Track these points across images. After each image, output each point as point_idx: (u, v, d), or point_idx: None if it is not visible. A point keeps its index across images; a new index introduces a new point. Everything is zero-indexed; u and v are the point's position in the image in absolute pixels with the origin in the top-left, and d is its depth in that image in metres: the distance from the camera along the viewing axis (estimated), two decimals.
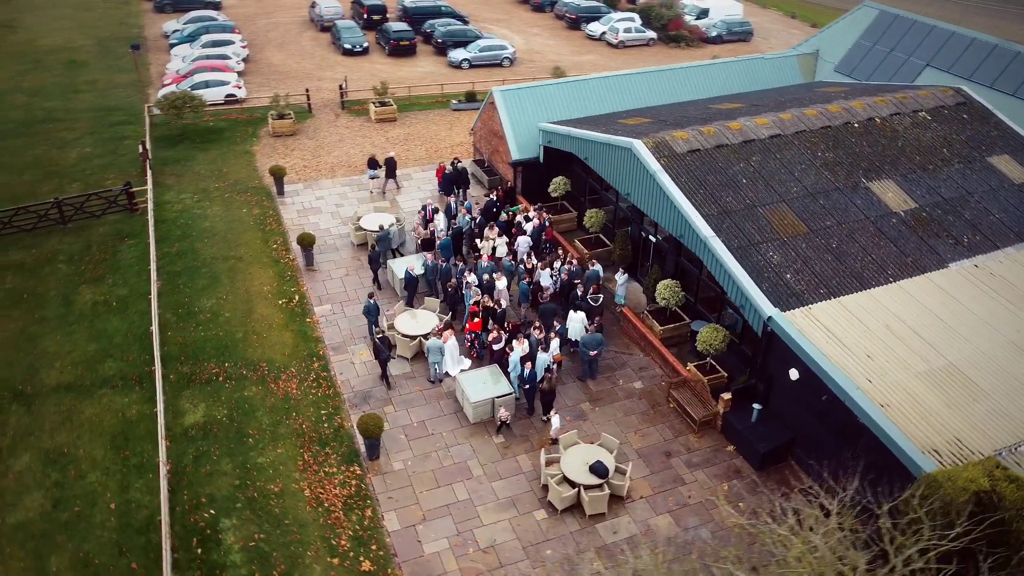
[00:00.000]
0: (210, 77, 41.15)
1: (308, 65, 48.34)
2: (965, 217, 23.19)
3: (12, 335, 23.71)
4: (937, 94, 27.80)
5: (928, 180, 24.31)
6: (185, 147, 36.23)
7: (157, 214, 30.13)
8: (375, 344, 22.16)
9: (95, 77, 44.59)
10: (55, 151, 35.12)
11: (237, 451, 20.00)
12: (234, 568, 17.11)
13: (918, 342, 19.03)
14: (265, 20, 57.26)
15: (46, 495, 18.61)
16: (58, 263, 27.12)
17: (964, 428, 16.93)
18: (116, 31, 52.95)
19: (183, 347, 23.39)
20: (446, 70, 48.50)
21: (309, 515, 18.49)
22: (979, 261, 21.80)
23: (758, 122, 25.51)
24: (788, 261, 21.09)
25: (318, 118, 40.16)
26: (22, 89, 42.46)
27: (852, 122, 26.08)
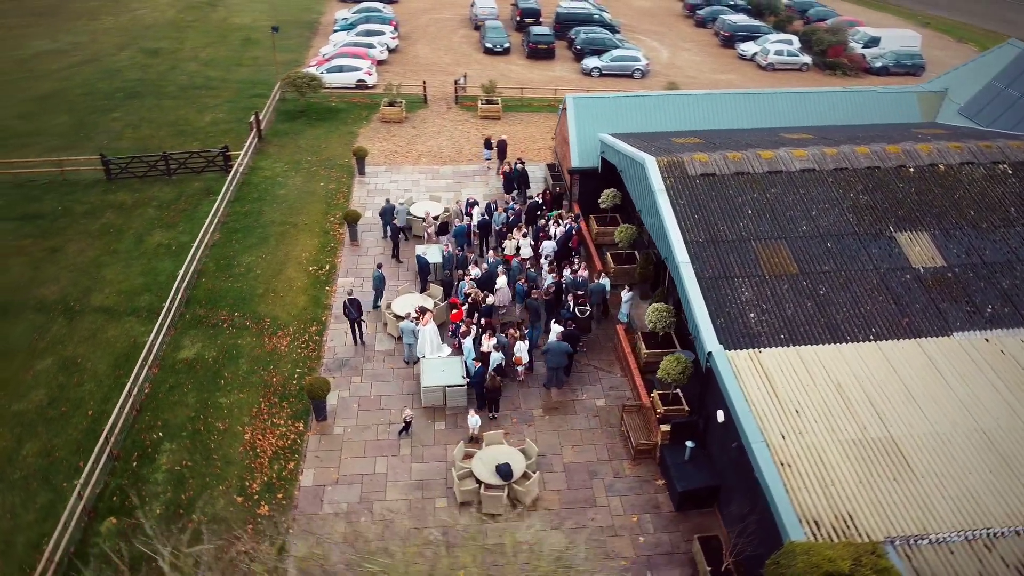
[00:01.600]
0: (345, 62, 44.79)
1: (447, 60, 50.91)
2: (1001, 286, 20.31)
3: (87, 260, 27.77)
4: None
5: (973, 239, 21.50)
6: (301, 122, 39.85)
7: (246, 178, 33.63)
8: (344, 304, 23.75)
9: (259, 54, 50.00)
10: (194, 114, 40.09)
11: (206, 389, 22.24)
12: (153, 484, 19.24)
13: (864, 409, 17.18)
14: (430, 16, 60.81)
15: (47, 393, 21.88)
16: (149, 207, 31.22)
17: (865, 507, 15.18)
18: (297, 15, 58.79)
19: (208, 293, 26.19)
20: (577, 77, 48.98)
21: (238, 456, 20.25)
22: (994, 336, 19.08)
23: (795, 154, 23.87)
24: (759, 300, 19.75)
25: (430, 109, 42.38)
26: (198, 59, 48.63)
27: (908, 166, 23.61)
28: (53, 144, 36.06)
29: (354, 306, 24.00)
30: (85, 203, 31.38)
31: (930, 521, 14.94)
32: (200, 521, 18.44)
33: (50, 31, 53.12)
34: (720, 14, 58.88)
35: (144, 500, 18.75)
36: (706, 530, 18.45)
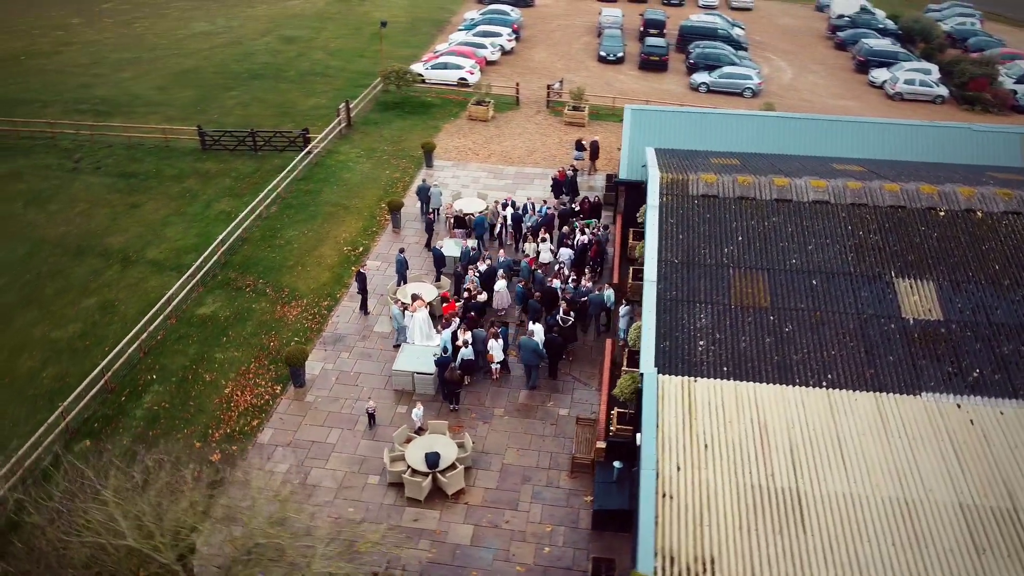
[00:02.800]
0: (450, 60, 46.51)
1: (560, 66, 51.40)
2: (1001, 350, 18.14)
3: (157, 218, 31.01)
4: None
5: (987, 295, 19.32)
6: (393, 113, 41.94)
7: (320, 159, 36.00)
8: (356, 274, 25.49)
9: (384, 47, 52.83)
10: (301, 98, 43.25)
11: (208, 344, 24.33)
12: (130, 418, 21.44)
13: (781, 456, 16.09)
14: (560, 23, 61.51)
15: (81, 328, 24.85)
16: (227, 177, 34.25)
17: (732, 553, 14.32)
18: (432, 13, 61.50)
19: (245, 259, 28.47)
20: (683, 91, 47.91)
21: (212, 406, 22.07)
22: (969, 403, 17.13)
23: (812, 183, 22.45)
24: (714, 328, 18.89)
25: (520, 112, 43.14)
26: (326, 48, 52.25)
27: (938, 208, 21.53)
28: (172, 114, 40.34)
29: (359, 279, 25.43)
30: (175, 168, 34.95)
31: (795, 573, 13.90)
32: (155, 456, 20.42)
33: (210, 15, 59.04)
34: (863, 37, 55.23)
35: (118, 431, 20.97)
36: (614, 552, 18.01)
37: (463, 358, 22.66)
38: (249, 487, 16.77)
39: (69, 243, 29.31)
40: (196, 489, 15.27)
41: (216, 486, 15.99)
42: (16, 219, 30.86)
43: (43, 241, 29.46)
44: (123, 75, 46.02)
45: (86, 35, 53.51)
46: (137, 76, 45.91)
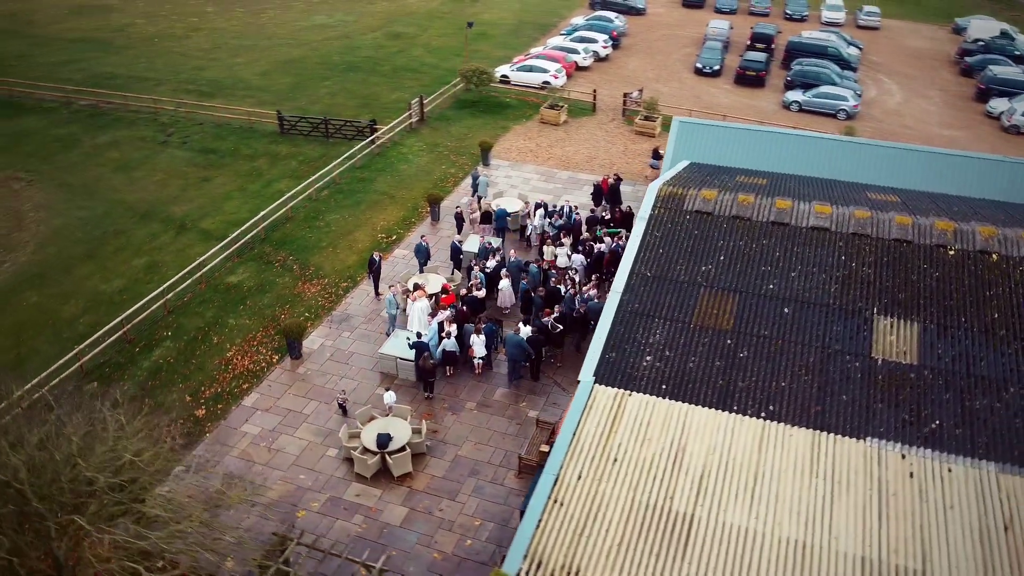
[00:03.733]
0: (535, 63, 47.09)
1: (652, 75, 50.77)
2: (971, 403, 16.63)
3: (221, 192, 33.56)
4: None
5: (976, 344, 17.75)
6: (467, 111, 43.04)
7: (383, 150, 37.60)
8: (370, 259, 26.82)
9: (484, 48, 54.18)
10: (387, 92, 45.18)
11: (226, 309, 26.21)
12: (136, 369, 23.54)
13: (688, 480, 15.61)
14: (667, 32, 60.58)
15: (124, 284, 27.44)
16: (295, 160, 36.48)
17: (599, 567, 14.12)
18: (540, 17, 62.25)
19: (283, 236, 30.33)
20: (774, 108, 46.09)
21: (211, 366, 23.83)
22: (915, 455, 15.87)
23: (817, 209, 21.35)
24: (666, 346, 18.48)
25: (593, 118, 43.08)
26: (427, 46, 54.17)
27: (949, 247, 19.92)
28: (265, 99, 43.32)
29: (370, 265, 26.62)
30: (251, 148, 37.59)
31: None
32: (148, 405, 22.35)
33: (333, 9, 62.57)
34: (991, 63, 50.89)
35: (123, 377, 23.11)
36: None
37: (444, 349, 23.26)
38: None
39: (140, 208, 32.31)
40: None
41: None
42: (104, 182, 34.34)
43: (119, 203, 32.65)
44: (236, 60, 49.82)
45: (216, 23, 58.22)
46: (248, 62, 49.55)
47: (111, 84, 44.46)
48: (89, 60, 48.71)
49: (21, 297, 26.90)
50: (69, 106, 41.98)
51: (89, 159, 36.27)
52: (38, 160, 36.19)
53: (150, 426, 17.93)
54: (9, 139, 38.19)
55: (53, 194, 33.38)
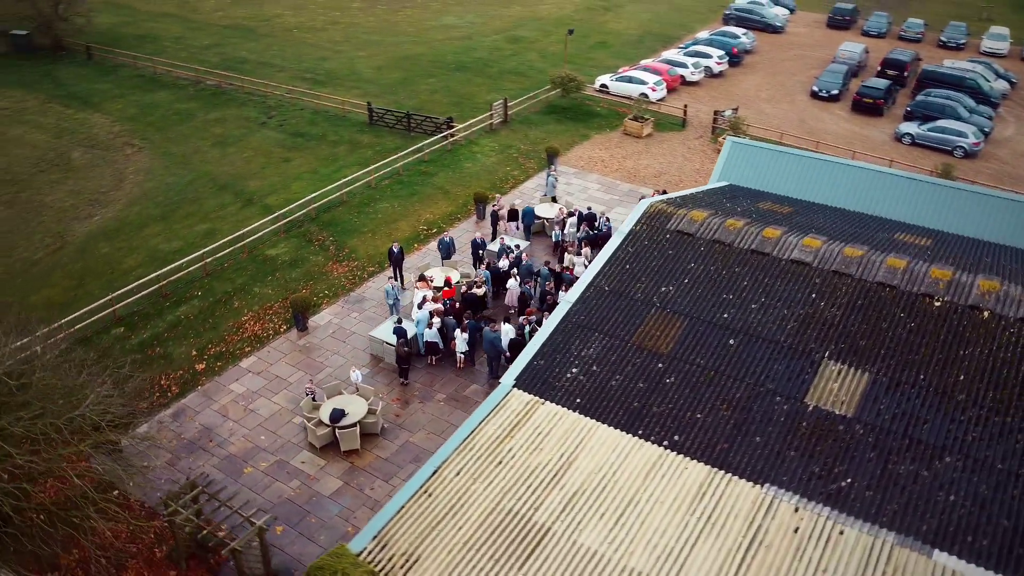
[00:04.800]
0: (635, 75, 46.60)
1: (764, 95, 48.70)
2: (895, 468, 15.16)
3: (294, 173, 36.08)
4: None
5: (927, 406, 16.10)
6: (553, 116, 43.40)
7: (455, 147, 38.82)
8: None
9: (600, 56, 54.26)
10: (484, 92, 46.39)
11: (256, 278, 28.33)
12: (158, 320, 26.06)
13: (558, 495, 15.40)
14: (800, 52, 57.67)
15: (182, 245, 30.31)
16: (371, 149, 38.50)
17: (437, 559, 14.31)
18: (667, 29, 61.25)
19: (331, 218, 32.22)
20: (884, 140, 42.86)
21: (224, 327, 25.93)
22: (809, 510, 14.70)
23: (805, 242, 20.06)
24: (596, 361, 18.19)
25: (680, 134, 42.08)
26: (542, 51, 54.93)
27: (937, 298, 18.11)
28: (371, 91, 45.89)
29: (390, 254, 27.81)
30: (337, 135, 40.06)
31: None
32: (157, 353, 24.80)
33: (466, 11, 64.83)
34: None
35: (146, 327, 25.70)
36: None
37: (426, 339, 23.99)
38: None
39: (220, 180, 35.50)
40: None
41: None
42: (200, 154, 37.96)
43: (205, 175, 36.01)
44: (359, 54, 53.02)
45: (355, 18, 62.10)
46: (369, 56, 52.60)
47: (240, 68, 48.84)
48: (230, 45, 53.71)
49: (96, 247, 30.50)
50: (197, 85, 46.63)
51: (195, 132, 40.20)
52: (154, 130, 40.58)
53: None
54: (140, 109, 43.06)
55: (155, 160, 37.38)
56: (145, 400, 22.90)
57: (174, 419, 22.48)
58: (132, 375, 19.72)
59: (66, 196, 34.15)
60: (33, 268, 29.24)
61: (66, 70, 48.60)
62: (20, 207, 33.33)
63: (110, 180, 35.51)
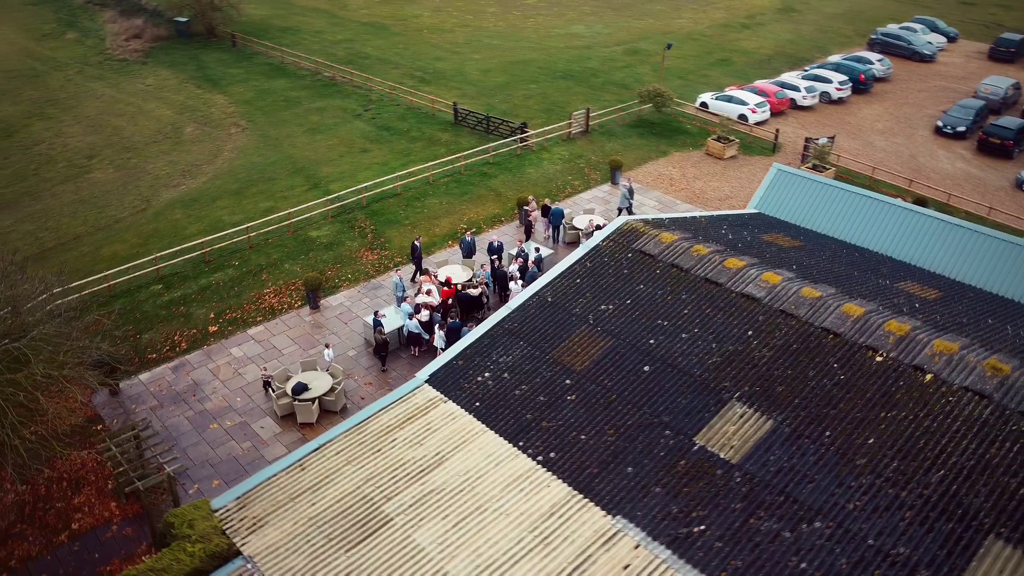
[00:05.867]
0: (736, 94, 44.81)
1: (881, 126, 45.18)
2: (756, 525, 14.08)
3: (365, 163, 38.05)
4: None
5: (815, 465, 14.79)
6: (637, 130, 42.72)
7: (524, 152, 39.27)
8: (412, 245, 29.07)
9: (713, 74, 52.61)
10: (577, 101, 46.38)
11: (290, 255, 30.34)
12: (192, 283, 28.60)
13: (415, 488, 15.71)
14: (942, 83, 52.72)
15: (243, 218, 32.97)
16: (445, 147, 39.76)
17: (281, 527, 15.04)
18: (800, 51, 58.08)
19: (380, 207, 33.76)
20: (1002, 185, 38.50)
21: (246, 295, 28.05)
22: (652, 552, 14.00)
23: (764, 277, 18.87)
24: (509, 369, 18.22)
25: (768, 159, 40.04)
26: (658, 66, 54.00)
27: (880, 353, 16.51)
28: (470, 92, 47.33)
29: (412, 249, 28.85)
30: (420, 131, 41.72)
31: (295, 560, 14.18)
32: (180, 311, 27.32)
33: (599, 21, 64.81)
34: None
35: (180, 287, 28.37)
36: None
37: (408, 330, 24.79)
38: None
39: (299, 164, 38.16)
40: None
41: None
42: (291, 139, 40.96)
43: (288, 158, 38.86)
44: (474, 56, 54.70)
45: (485, 22, 63.91)
46: (482, 59, 54.13)
47: (359, 63, 51.96)
48: (361, 41, 57.18)
49: (171, 212, 33.90)
50: (315, 76, 50.15)
51: (295, 119, 43.36)
52: (261, 113, 44.21)
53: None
54: (256, 94, 47.03)
55: (251, 141, 40.79)
56: (155, 352, 25.44)
57: (173, 372, 24.74)
58: (150, 328, 22.18)
59: (165, 165, 38.13)
60: (115, 225, 33.03)
61: (210, 55, 53.93)
62: (127, 171, 37.64)
63: (207, 155, 39.20)
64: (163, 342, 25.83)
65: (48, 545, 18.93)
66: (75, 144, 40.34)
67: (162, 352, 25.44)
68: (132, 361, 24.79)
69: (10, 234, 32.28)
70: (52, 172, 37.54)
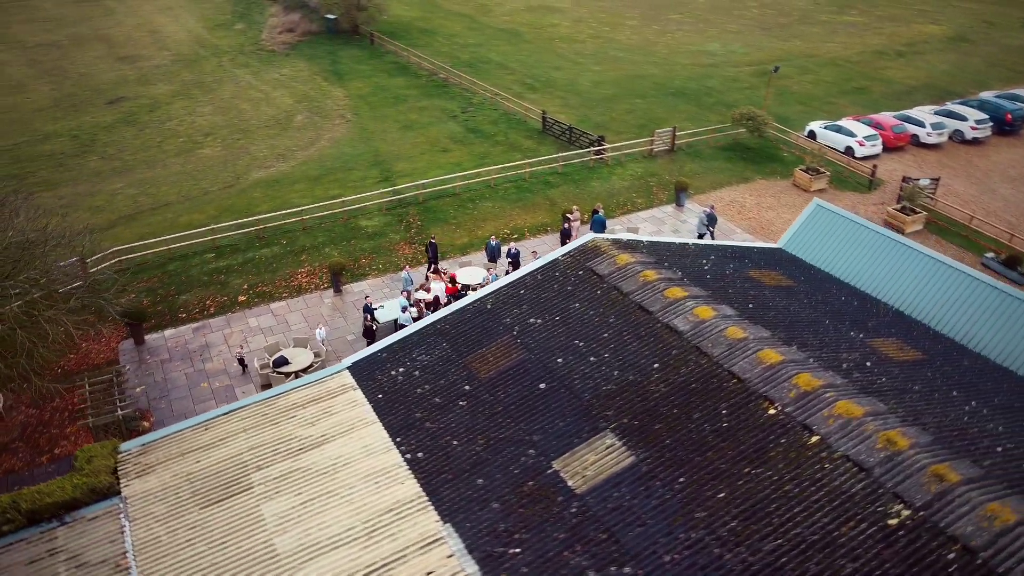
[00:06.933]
0: (844, 125, 41.72)
1: (1012, 173, 40.25)
2: (557, 557, 13.56)
3: (441, 162, 39.38)
4: None
5: (651, 508, 13.98)
6: (725, 152, 40.97)
7: (596, 164, 38.95)
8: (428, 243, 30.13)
9: (840, 102, 49.19)
10: (677, 119, 45.12)
11: (334, 241, 32.21)
12: (240, 256, 31.15)
13: (286, 465, 16.49)
14: None
15: (310, 200, 35.42)
16: (522, 153, 40.29)
17: (160, 482, 16.44)
18: (954, 85, 52.74)
19: (434, 205, 34.93)
20: None
21: (280, 272, 30.19)
22: (461, 562, 13.93)
23: (696, 312, 17.90)
24: (423, 368, 18.62)
25: (861, 196, 37.14)
26: (784, 90, 51.26)
27: (774, 404, 15.23)
28: (572, 103, 47.50)
29: (428, 248, 29.81)
30: (505, 136, 42.51)
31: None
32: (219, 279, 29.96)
33: (739, 39, 62.39)
34: None
35: (229, 257, 31.04)
36: None
37: (399, 322, 25.70)
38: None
39: (380, 156, 40.25)
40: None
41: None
42: (383, 134, 43.20)
43: (373, 151, 41.07)
44: (592, 68, 54.67)
45: (620, 34, 63.40)
46: (600, 71, 53.99)
47: (478, 67, 53.64)
48: (489, 46, 58.90)
49: (252, 191, 37.03)
50: (430, 76, 52.38)
51: (396, 115, 45.66)
52: (368, 107, 46.94)
53: None
54: (372, 90, 49.93)
55: (348, 133, 43.49)
56: (186, 312, 28.12)
57: (193, 332, 27.26)
58: (189, 291, 25.09)
59: (266, 148, 41.62)
60: (203, 196, 36.63)
61: (346, 51, 57.84)
62: (232, 151, 41.51)
63: (304, 142, 42.32)
64: (196, 305, 28.48)
65: (31, 463, 21.70)
66: (200, 123, 45.03)
67: (191, 313, 28.07)
68: (163, 317, 27.62)
69: (117, 195, 36.77)
70: (172, 146, 42.20)
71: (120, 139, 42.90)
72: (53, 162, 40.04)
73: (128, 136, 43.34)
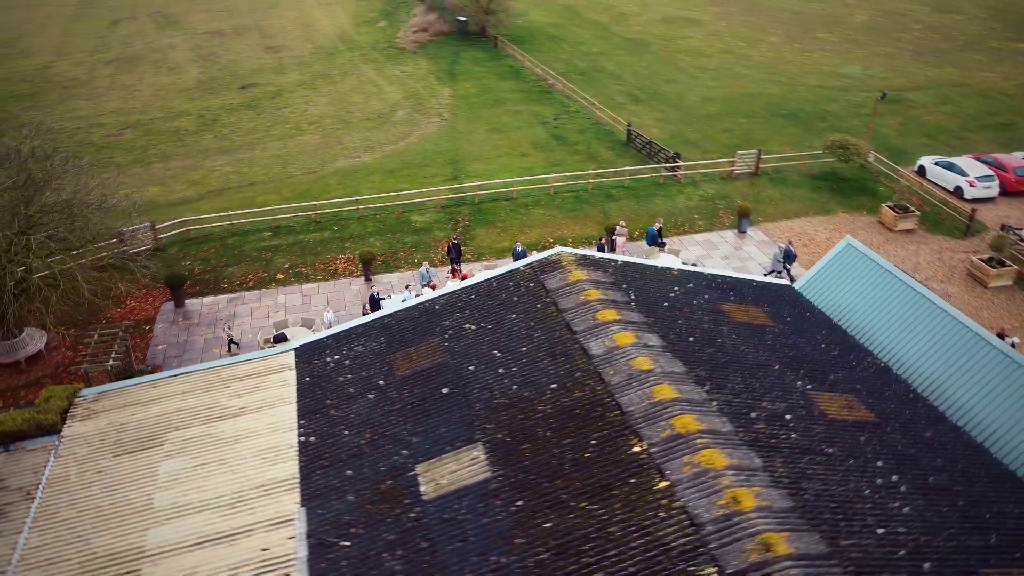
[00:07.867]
0: (959, 163, 37.64)
1: None
2: (388, 569, 13.65)
3: (513, 166, 39.72)
4: None
5: (480, 533, 13.71)
6: (812, 180, 38.31)
7: (665, 181, 37.74)
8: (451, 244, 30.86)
9: (970, 136, 44.46)
10: (777, 142, 42.66)
11: (380, 232, 33.53)
12: (292, 237, 33.20)
13: (194, 429, 17.66)
14: None
15: (378, 189, 37.13)
16: (597, 164, 39.83)
17: (105, 420, 18.19)
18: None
19: (488, 208, 35.41)
20: None
21: (322, 256, 31.92)
22: (286, 563, 14.42)
23: (615, 337, 17.23)
24: (355, 358, 19.26)
25: (954, 242, 33.45)
26: (912, 119, 47.00)
27: (643, 442, 14.42)
28: (671, 116, 46.25)
29: (450, 248, 30.42)
30: (588, 145, 42.17)
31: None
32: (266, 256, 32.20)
33: (879, 63, 57.70)
34: None
35: (282, 237, 33.21)
36: None
37: None
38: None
39: (458, 156, 41.28)
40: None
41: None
42: (471, 134, 44.14)
43: (455, 150, 42.14)
44: (709, 84, 52.76)
45: (754, 50, 60.35)
46: (715, 87, 51.98)
47: (589, 76, 53.40)
48: (608, 56, 58.38)
49: (328, 178, 39.25)
50: (538, 82, 52.78)
51: (491, 117, 46.49)
52: (467, 108, 48.07)
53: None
54: (477, 91, 51.10)
55: (439, 131, 44.88)
56: (228, 283, 30.49)
57: (228, 302, 29.53)
58: (236, 264, 27.84)
59: (358, 140, 43.92)
60: (285, 179, 39.33)
61: (468, 53, 59.51)
62: (327, 140, 44.18)
63: (395, 137, 44.22)
64: (239, 277, 30.80)
65: None
66: (312, 112, 48.26)
67: (232, 285, 30.39)
68: (208, 285, 30.13)
69: (214, 172, 40.34)
70: (279, 131, 45.58)
71: (237, 121, 46.93)
72: (175, 138, 44.54)
73: (245, 119, 47.31)
